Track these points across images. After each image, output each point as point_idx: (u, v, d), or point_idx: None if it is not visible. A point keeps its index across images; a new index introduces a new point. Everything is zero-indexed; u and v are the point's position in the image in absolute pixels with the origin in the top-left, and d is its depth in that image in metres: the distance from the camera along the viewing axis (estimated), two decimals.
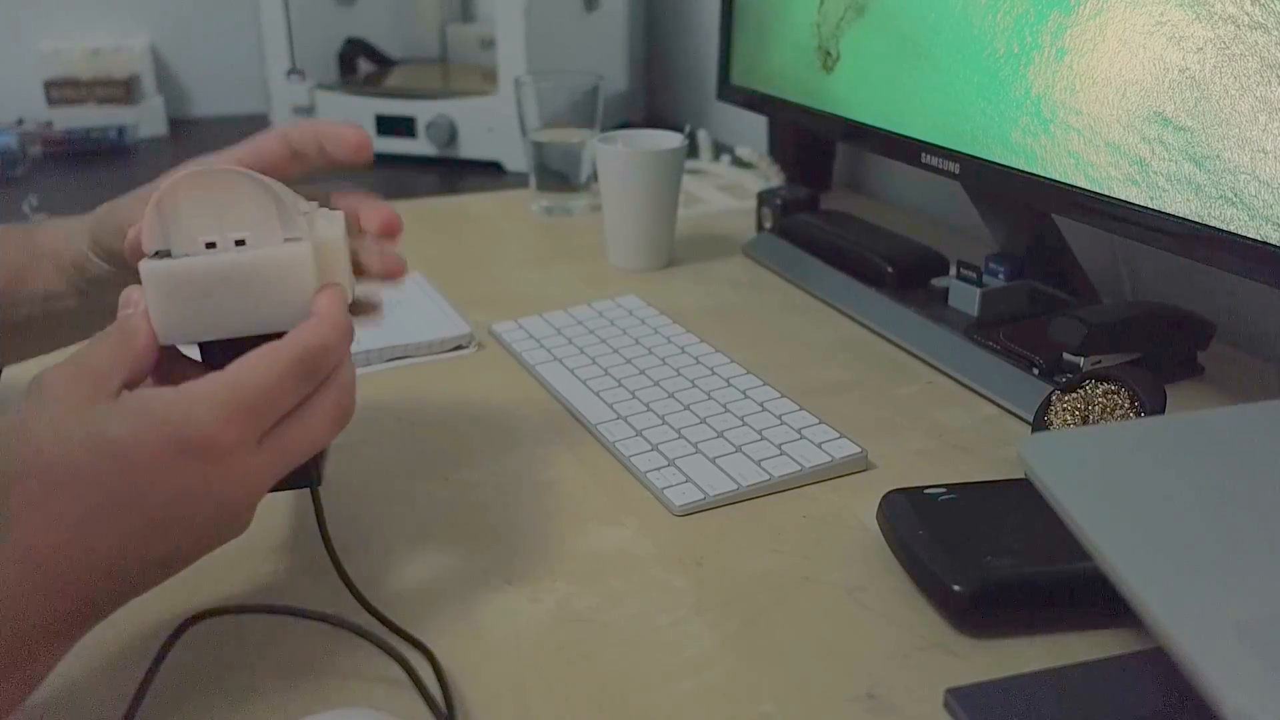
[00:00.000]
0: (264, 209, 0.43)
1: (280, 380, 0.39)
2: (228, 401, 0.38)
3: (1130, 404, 0.56)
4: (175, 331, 0.43)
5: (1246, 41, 0.54)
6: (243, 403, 0.38)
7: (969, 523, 0.50)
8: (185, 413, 0.37)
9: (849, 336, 0.78)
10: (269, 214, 0.43)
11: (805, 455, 0.59)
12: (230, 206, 0.43)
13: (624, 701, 0.43)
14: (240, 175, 0.43)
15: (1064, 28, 0.64)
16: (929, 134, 0.77)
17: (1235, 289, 0.77)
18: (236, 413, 0.38)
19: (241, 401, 0.38)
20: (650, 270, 0.92)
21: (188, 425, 0.37)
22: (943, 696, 0.42)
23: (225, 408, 0.38)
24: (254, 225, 0.43)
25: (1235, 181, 0.55)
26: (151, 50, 1.53)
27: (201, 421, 0.37)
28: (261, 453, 0.39)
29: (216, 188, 0.43)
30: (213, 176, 0.43)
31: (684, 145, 0.91)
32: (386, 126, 1.27)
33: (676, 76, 1.54)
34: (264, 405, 0.39)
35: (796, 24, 0.90)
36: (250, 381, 0.39)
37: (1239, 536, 0.36)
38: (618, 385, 0.68)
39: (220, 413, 0.37)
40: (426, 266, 0.90)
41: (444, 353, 0.75)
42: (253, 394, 0.38)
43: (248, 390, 0.38)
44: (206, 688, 0.43)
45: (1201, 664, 0.31)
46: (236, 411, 0.38)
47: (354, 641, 0.45)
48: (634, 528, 0.54)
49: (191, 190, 0.43)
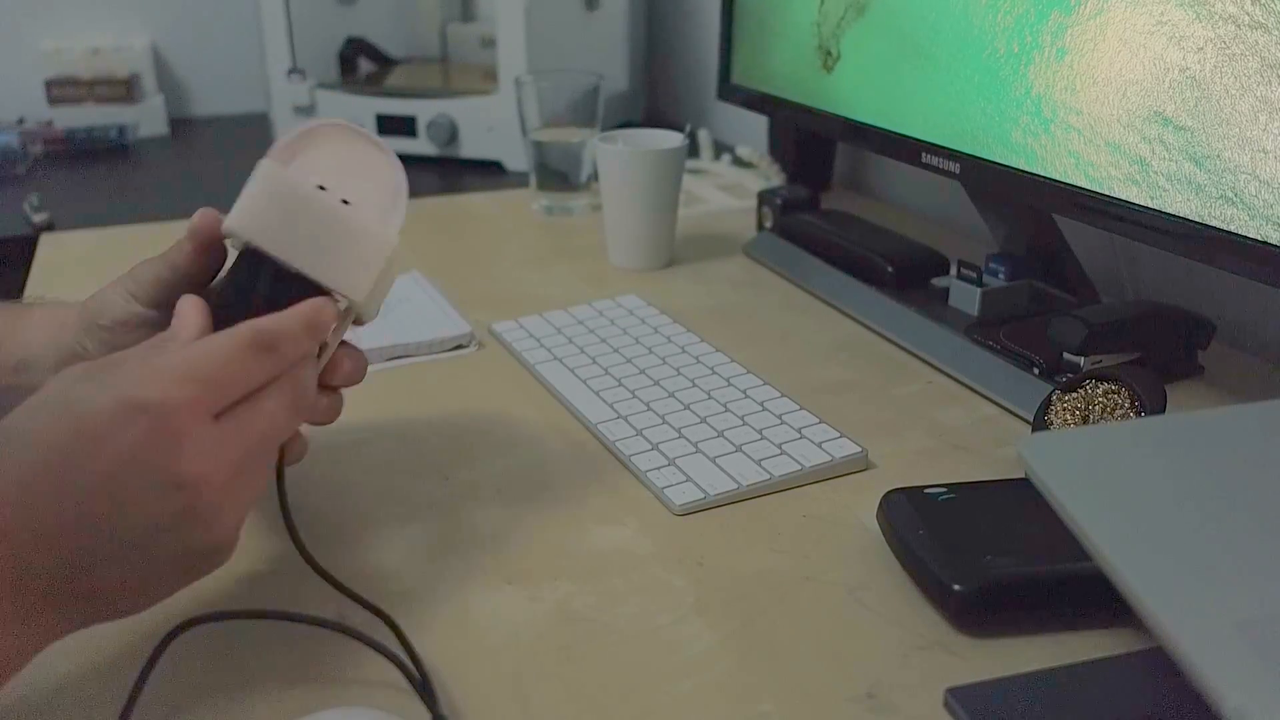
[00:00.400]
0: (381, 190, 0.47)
1: (234, 354, 0.40)
2: (181, 369, 0.39)
3: (1130, 404, 0.56)
4: (248, 226, 0.45)
5: (1247, 41, 0.54)
6: (196, 371, 0.39)
7: (969, 522, 0.50)
8: (140, 378, 0.38)
9: (849, 336, 0.78)
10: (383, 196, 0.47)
11: (805, 455, 0.59)
12: (356, 172, 0.46)
13: (624, 701, 0.43)
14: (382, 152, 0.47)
15: (1064, 27, 0.64)
16: (929, 134, 0.77)
17: (1235, 289, 0.77)
18: (187, 378, 0.39)
19: (195, 370, 0.39)
20: (650, 270, 0.92)
21: (139, 387, 0.38)
22: (942, 696, 0.42)
23: (177, 373, 0.39)
24: (363, 197, 0.47)
25: (1235, 181, 0.55)
26: (152, 49, 1.53)
27: (153, 384, 0.38)
28: (214, 427, 0.39)
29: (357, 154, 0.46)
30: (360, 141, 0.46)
31: (684, 145, 0.91)
32: (387, 126, 1.27)
33: (677, 76, 1.54)
34: (217, 377, 0.39)
35: (797, 23, 0.90)
36: (206, 354, 0.40)
37: (1239, 536, 0.36)
38: (618, 385, 0.68)
39: (171, 376, 0.38)
40: (427, 266, 0.90)
41: (444, 352, 0.75)
42: (207, 365, 0.39)
43: (202, 361, 0.39)
44: (198, 693, 0.43)
45: (1202, 664, 0.31)
46: (187, 377, 0.39)
47: (348, 645, 0.45)
48: (634, 527, 0.54)
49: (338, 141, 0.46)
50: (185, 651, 0.44)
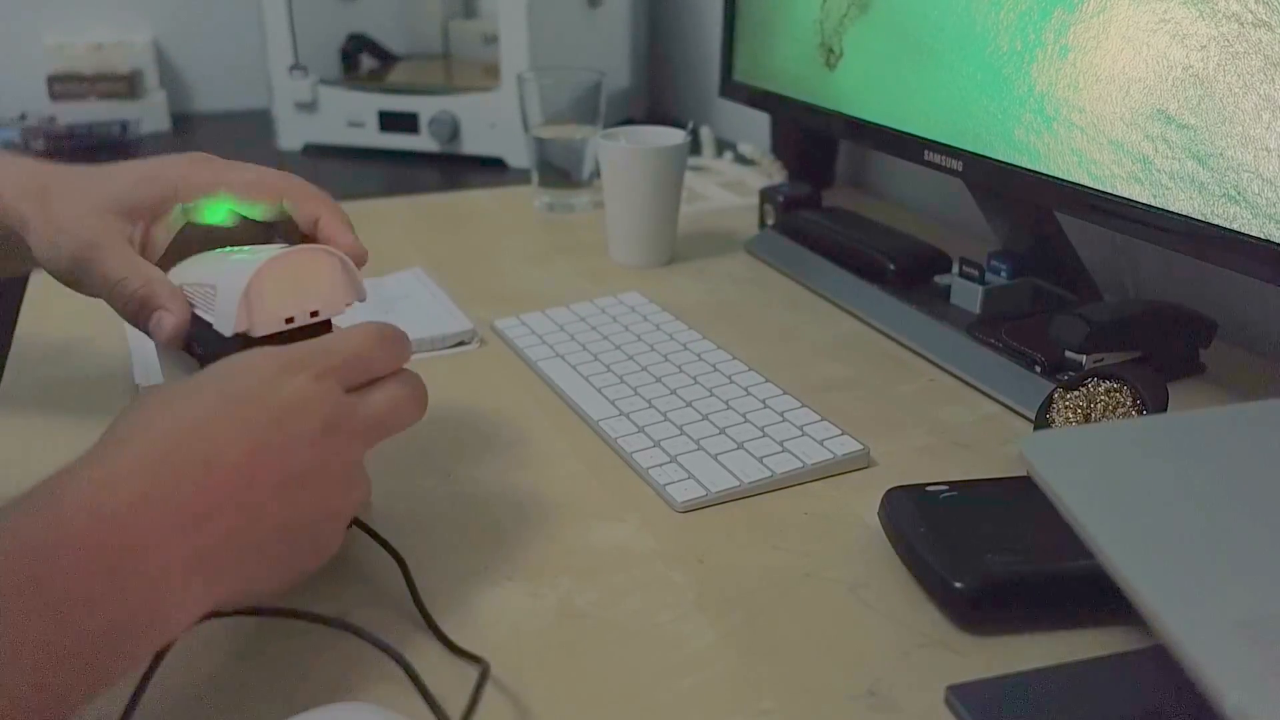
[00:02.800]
0: (336, 281, 0.50)
1: (365, 340, 0.46)
2: (324, 346, 0.45)
3: (1132, 402, 0.56)
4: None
5: (1250, 39, 0.54)
6: (334, 348, 0.45)
7: (970, 520, 0.50)
8: (289, 349, 0.44)
9: (851, 333, 0.78)
10: (340, 284, 0.50)
11: (807, 452, 0.59)
12: (308, 281, 0.49)
13: (625, 697, 0.43)
14: (320, 253, 0.50)
15: (1067, 25, 0.64)
16: (932, 131, 0.77)
17: (1238, 287, 0.77)
18: (330, 353, 0.44)
19: (333, 347, 0.45)
20: (652, 267, 0.92)
21: (290, 354, 0.44)
22: (943, 693, 0.43)
23: (321, 348, 0.45)
24: (327, 297, 0.50)
25: (1239, 179, 0.55)
26: (154, 45, 1.53)
27: (301, 352, 0.44)
28: (351, 395, 0.44)
29: (300, 270, 0.49)
30: (297, 259, 0.49)
31: (686, 142, 0.91)
32: (389, 122, 1.27)
33: (679, 73, 1.54)
34: (352, 354, 0.45)
35: (799, 21, 0.90)
36: (341, 339, 0.46)
37: (1240, 535, 0.36)
38: (620, 381, 0.68)
39: (318, 350, 0.44)
40: (429, 262, 0.90)
41: (446, 349, 0.75)
42: (343, 345, 0.45)
43: (339, 343, 0.45)
44: (202, 690, 0.43)
45: (1202, 662, 0.31)
46: (330, 352, 0.44)
47: (351, 641, 0.45)
48: (635, 524, 0.55)
49: (278, 275, 0.48)
50: (188, 647, 0.44)
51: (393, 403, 0.46)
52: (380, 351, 0.46)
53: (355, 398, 0.44)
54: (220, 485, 0.39)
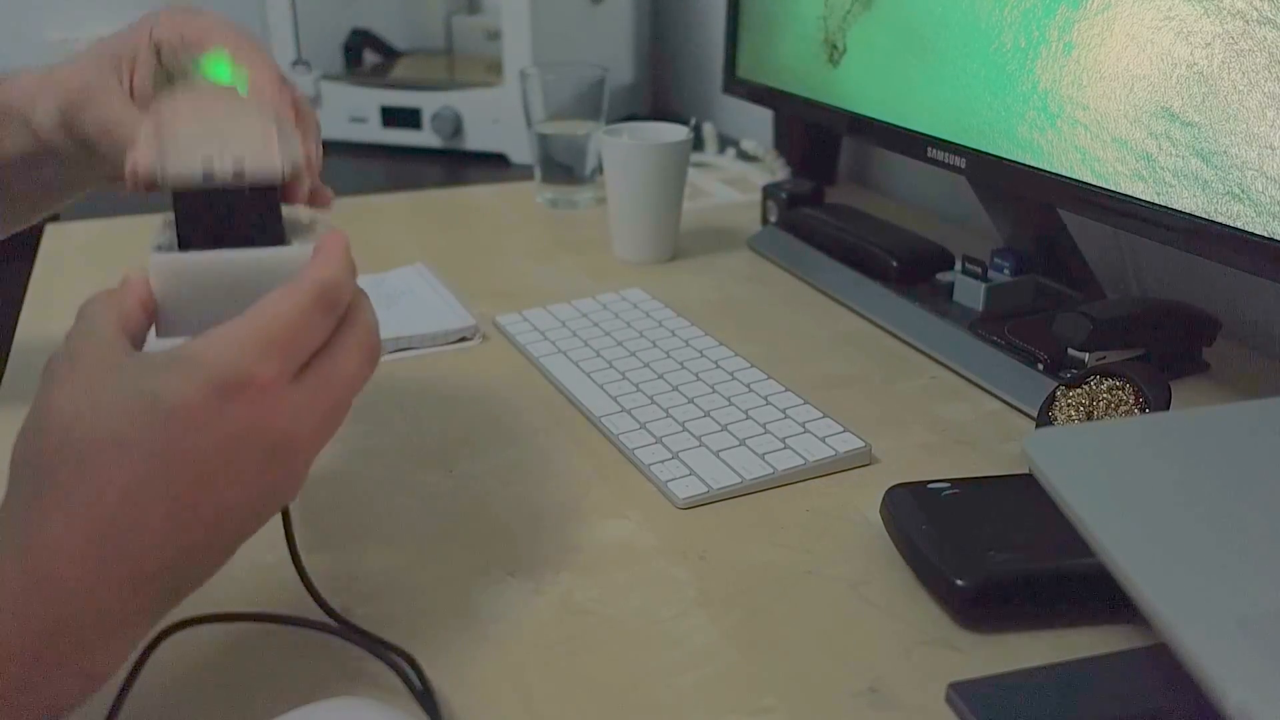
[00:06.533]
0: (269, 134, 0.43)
1: (303, 314, 0.39)
2: (257, 339, 0.37)
3: (1135, 400, 0.56)
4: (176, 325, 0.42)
5: (1255, 37, 0.54)
6: (272, 338, 0.38)
7: (972, 518, 0.50)
8: (218, 356, 0.36)
9: (853, 330, 0.78)
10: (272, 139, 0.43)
11: (809, 449, 0.59)
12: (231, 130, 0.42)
13: (626, 694, 0.43)
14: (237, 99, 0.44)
15: (1071, 22, 0.64)
16: (935, 128, 0.77)
17: (1241, 285, 0.77)
18: (268, 347, 0.37)
19: (271, 337, 0.37)
20: (655, 263, 0.92)
21: (223, 368, 0.36)
22: (945, 691, 0.42)
23: (256, 345, 0.37)
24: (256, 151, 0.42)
25: (1243, 177, 0.55)
26: None
27: (236, 362, 0.36)
28: (300, 388, 0.38)
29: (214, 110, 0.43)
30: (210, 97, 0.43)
31: (689, 138, 0.91)
32: (392, 118, 1.27)
33: (682, 69, 1.54)
34: (292, 339, 0.38)
35: (803, 17, 0.90)
36: (275, 318, 0.38)
37: (1243, 533, 0.36)
38: (622, 378, 0.68)
39: (252, 350, 0.37)
40: (431, 258, 0.90)
41: (448, 344, 0.75)
42: (280, 329, 0.38)
43: (274, 326, 0.38)
44: (186, 696, 0.43)
45: (1205, 660, 0.31)
46: (268, 346, 0.37)
47: (339, 645, 0.45)
48: (637, 520, 0.55)
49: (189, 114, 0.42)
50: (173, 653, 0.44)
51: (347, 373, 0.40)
52: (321, 320, 0.39)
53: (304, 397, 0.39)
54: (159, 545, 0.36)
